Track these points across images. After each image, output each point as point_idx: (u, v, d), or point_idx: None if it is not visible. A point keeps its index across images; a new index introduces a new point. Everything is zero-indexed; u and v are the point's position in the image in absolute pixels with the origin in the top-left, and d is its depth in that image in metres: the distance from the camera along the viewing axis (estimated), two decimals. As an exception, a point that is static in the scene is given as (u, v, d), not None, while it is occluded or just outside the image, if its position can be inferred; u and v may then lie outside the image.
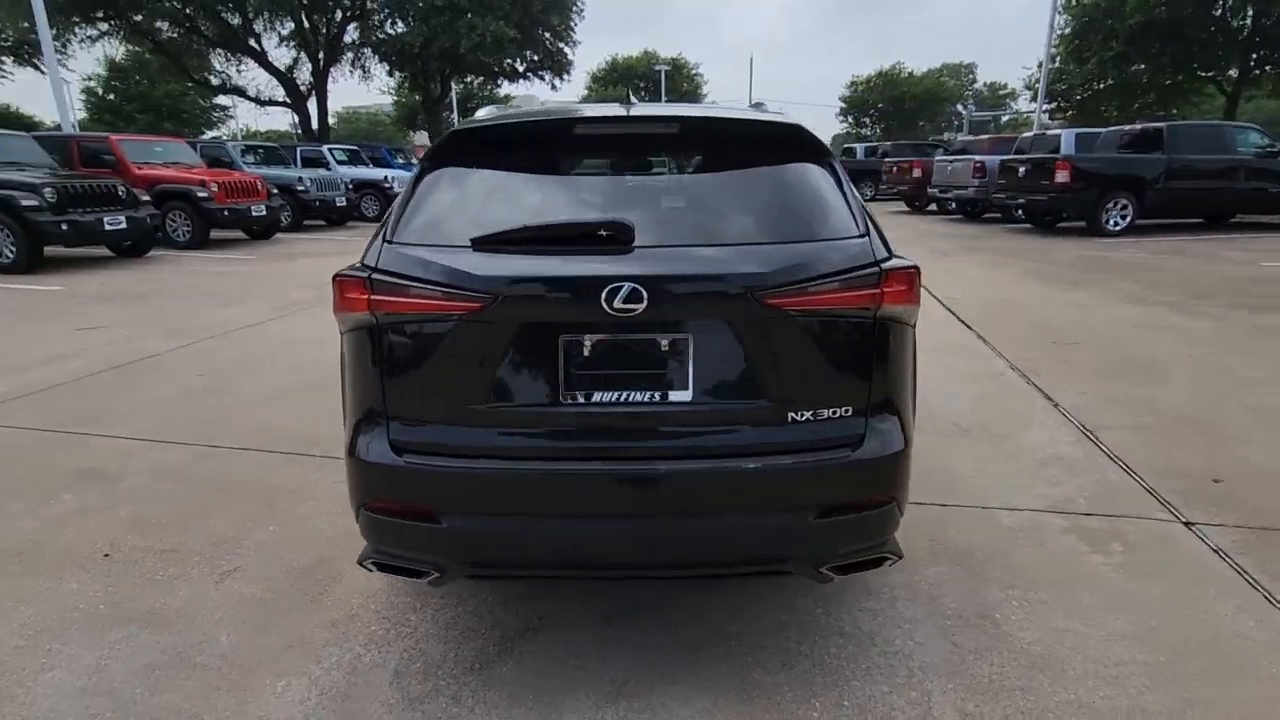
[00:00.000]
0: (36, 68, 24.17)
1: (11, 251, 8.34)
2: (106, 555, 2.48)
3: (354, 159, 16.50)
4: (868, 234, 1.69)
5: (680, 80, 43.25)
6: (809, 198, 1.75)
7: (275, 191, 12.18)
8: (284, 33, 21.44)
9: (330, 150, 15.89)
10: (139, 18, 19.68)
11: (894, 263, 1.65)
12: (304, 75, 22.32)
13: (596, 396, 1.58)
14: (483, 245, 1.59)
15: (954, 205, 15.88)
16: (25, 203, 8.18)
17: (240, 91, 23.68)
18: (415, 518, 1.62)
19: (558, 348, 1.57)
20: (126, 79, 39.34)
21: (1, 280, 7.97)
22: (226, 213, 10.81)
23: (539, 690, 1.84)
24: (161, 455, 3.29)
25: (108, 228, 8.87)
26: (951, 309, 6.27)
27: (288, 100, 23.29)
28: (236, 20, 20.17)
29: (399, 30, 19.06)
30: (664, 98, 39.23)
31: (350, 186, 14.82)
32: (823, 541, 1.66)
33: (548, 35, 20.10)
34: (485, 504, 1.60)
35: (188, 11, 19.33)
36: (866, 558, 1.76)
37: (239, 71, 23.18)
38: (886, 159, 19.48)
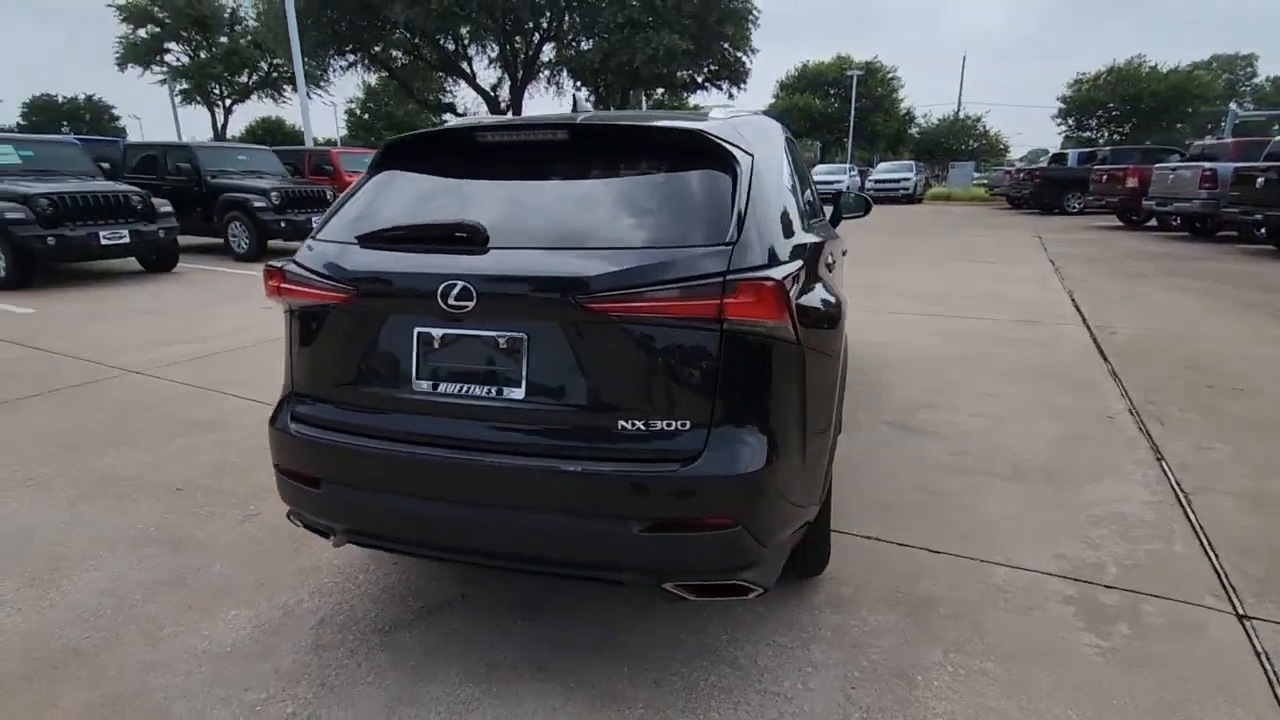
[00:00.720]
0: (307, 93, 29.21)
1: (246, 244, 10.25)
2: (178, 490, 3.04)
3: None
4: (735, 242, 1.61)
5: (874, 85, 41.19)
6: (686, 203, 1.72)
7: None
8: (492, 55, 23.89)
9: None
10: (377, 49, 23.05)
11: (748, 275, 1.56)
12: (504, 93, 24.67)
13: (442, 387, 1.69)
14: (366, 242, 1.78)
15: (1177, 220, 13.51)
16: (256, 204, 10.01)
17: (451, 109, 26.77)
18: (304, 482, 1.84)
19: (413, 339, 1.70)
20: (378, 101, 46.24)
21: (236, 267, 9.81)
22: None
23: (422, 660, 1.98)
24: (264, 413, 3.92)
25: (105, 242, 9.71)
26: (1098, 339, 5.43)
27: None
28: (452, 46, 22.85)
29: (586, 48, 20.43)
30: (853, 104, 37.66)
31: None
32: (654, 556, 1.62)
33: (726, 45, 20.30)
34: (350, 477, 1.78)
35: (415, 41, 22.24)
36: (717, 582, 1.68)
37: (451, 93, 26.32)
38: (1098, 166, 17.03)
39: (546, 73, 25.16)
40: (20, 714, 1.80)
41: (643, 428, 1.58)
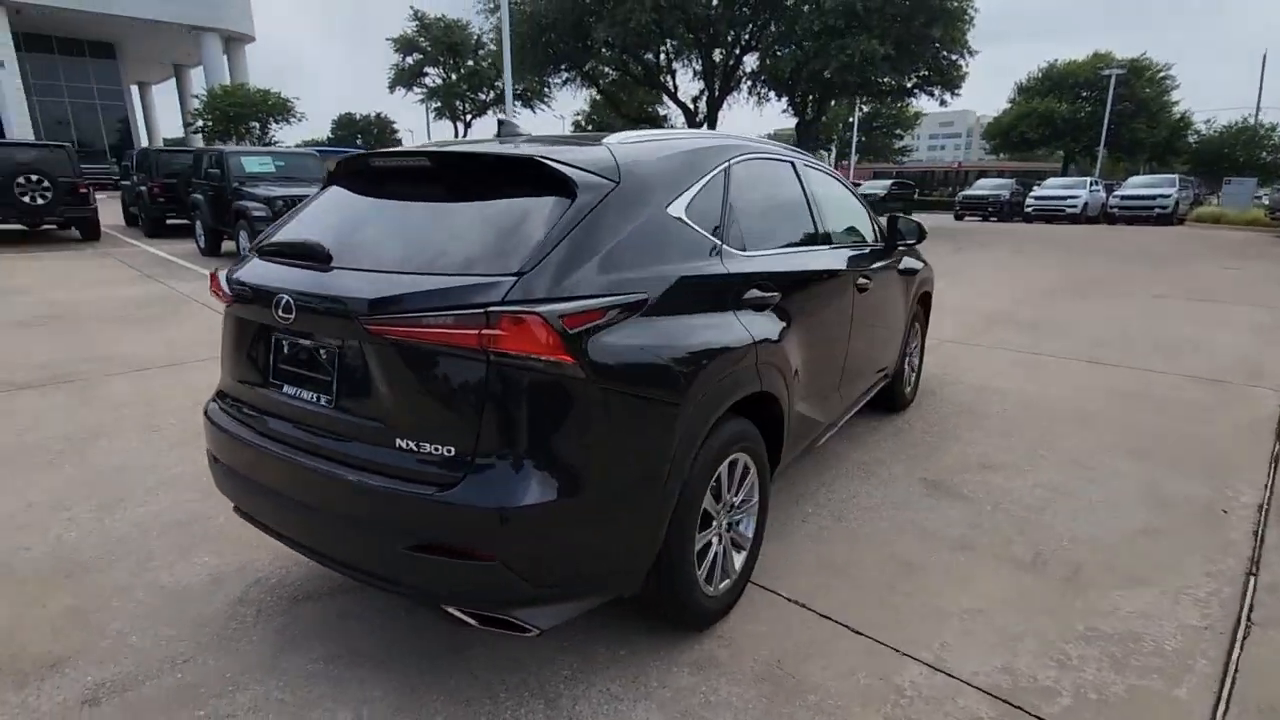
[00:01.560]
0: (532, 109, 32.25)
1: (244, 249, 11.60)
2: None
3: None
4: (525, 272, 1.60)
5: (1139, 86, 35.19)
6: (496, 231, 1.74)
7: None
8: (697, 68, 24.51)
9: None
10: (588, 66, 24.77)
11: (517, 308, 1.54)
12: (702, 106, 25.12)
13: (285, 389, 1.88)
14: (260, 254, 2.04)
15: None
16: (255, 213, 11.11)
17: (653, 120, 27.85)
18: (210, 458, 2.15)
19: (270, 343, 1.92)
20: (601, 114, 49.80)
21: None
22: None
23: (303, 632, 2.20)
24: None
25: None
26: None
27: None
28: (656, 60, 23.83)
29: (783, 56, 20.08)
30: (1109, 108, 32.62)
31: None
32: (421, 576, 1.66)
33: (937, 48, 18.66)
34: (229, 460, 2.05)
35: (624, 57, 23.53)
36: (490, 614, 1.68)
37: (656, 108, 27.35)
38: None
39: (749, 84, 25.19)
40: (18, 602, 2.32)
41: (414, 447, 1.64)
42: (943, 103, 22.22)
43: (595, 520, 1.70)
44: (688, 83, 25.90)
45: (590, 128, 53.14)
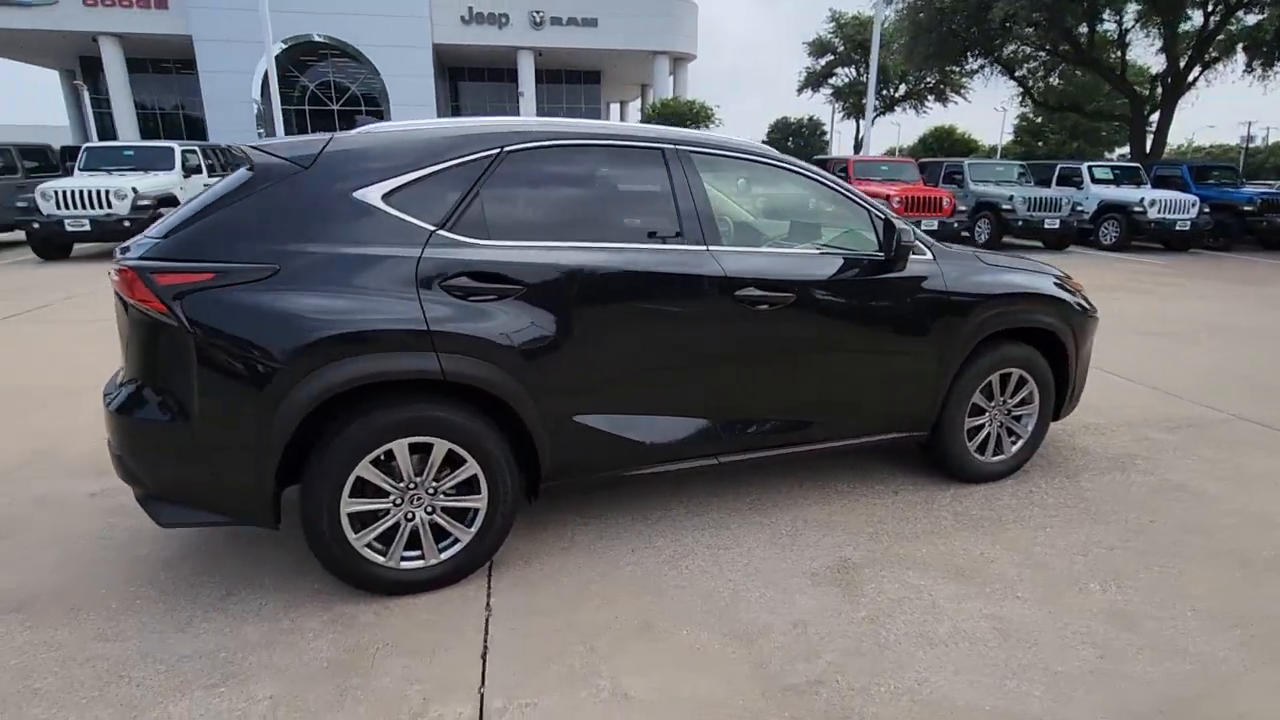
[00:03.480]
0: (943, 103, 29.66)
1: None
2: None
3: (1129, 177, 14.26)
4: (165, 237, 2.10)
5: None
6: (200, 204, 2.22)
7: (962, 209, 12.44)
8: (1153, 41, 19.27)
9: (1090, 168, 14.28)
10: (1009, 49, 21.63)
11: (134, 261, 2.05)
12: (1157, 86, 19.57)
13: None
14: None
15: None
16: None
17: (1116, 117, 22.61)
18: None
19: None
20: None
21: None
22: (898, 225, 11.99)
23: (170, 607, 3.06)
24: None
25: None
26: None
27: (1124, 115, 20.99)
28: (1093, 31, 19.45)
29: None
30: None
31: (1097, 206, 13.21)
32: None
33: None
34: None
35: (1047, 35, 19.89)
36: (138, 500, 2.23)
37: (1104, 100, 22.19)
38: None
39: (1244, 52, 18.67)
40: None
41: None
42: None
43: (199, 449, 2.08)
44: (1153, 55, 20.33)
45: (1040, 120, 46.05)
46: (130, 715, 1.84)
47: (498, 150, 2.40)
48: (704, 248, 2.61)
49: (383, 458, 2.25)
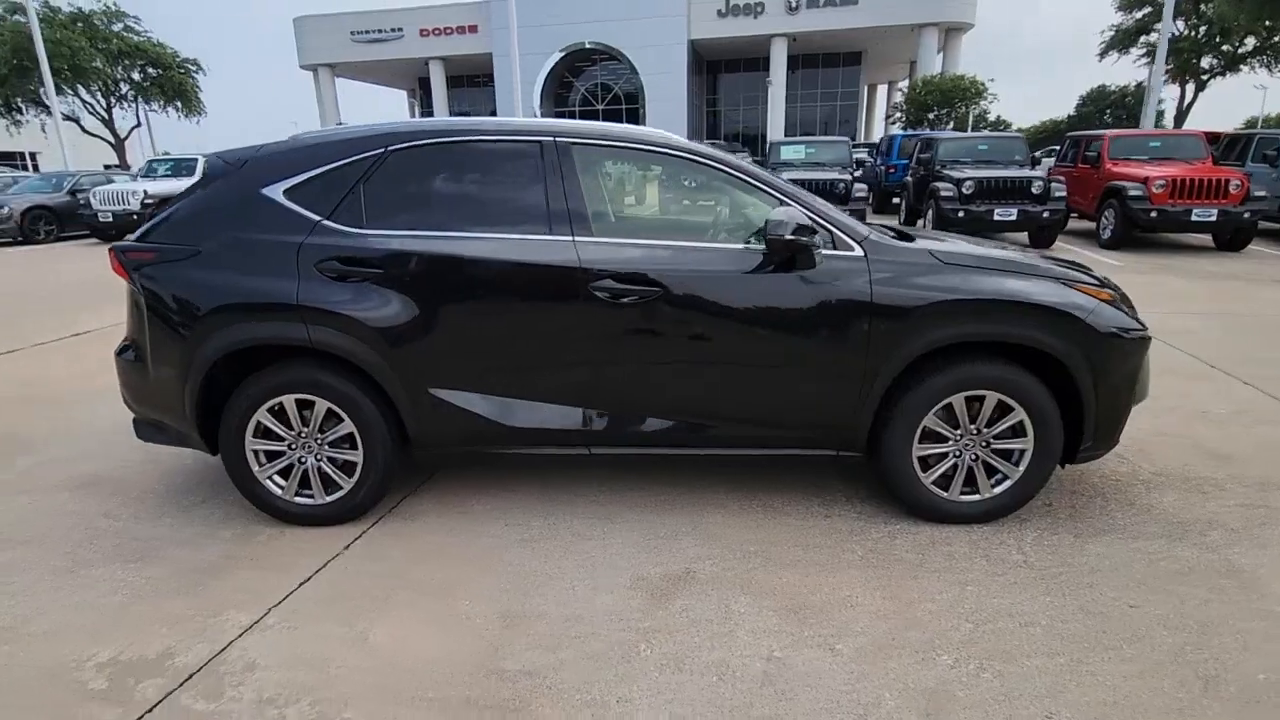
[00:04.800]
0: None
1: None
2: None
3: None
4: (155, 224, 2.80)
5: None
6: None
7: (1262, 195, 9.54)
8: None
9: None
10: None
11: (115, 245, 2.77)
12: None
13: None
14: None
15: None
16: (944, 193, 10.44)
17: None
18: None
19: None
20: None
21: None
22: (1155, 214, 9.66)
23: (160, 504, 3.91)
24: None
25: (996, 218, 10.10)
26: None
27: None
28: None
29: None
30: None
31: None
32: None
33: None
34: None
35: None
36: None
37: None
38: None
39: None
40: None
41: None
42: None
43: (152, 385, 2.77)
44: None
45: None
46: (75, 567, 2.58)
47: (382, 150, 2.72)
48: (569, 239, 2.64)
49: (279, 409, 2.74)
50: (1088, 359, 2.62)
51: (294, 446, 2.80)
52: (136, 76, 36.39)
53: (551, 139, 2.73)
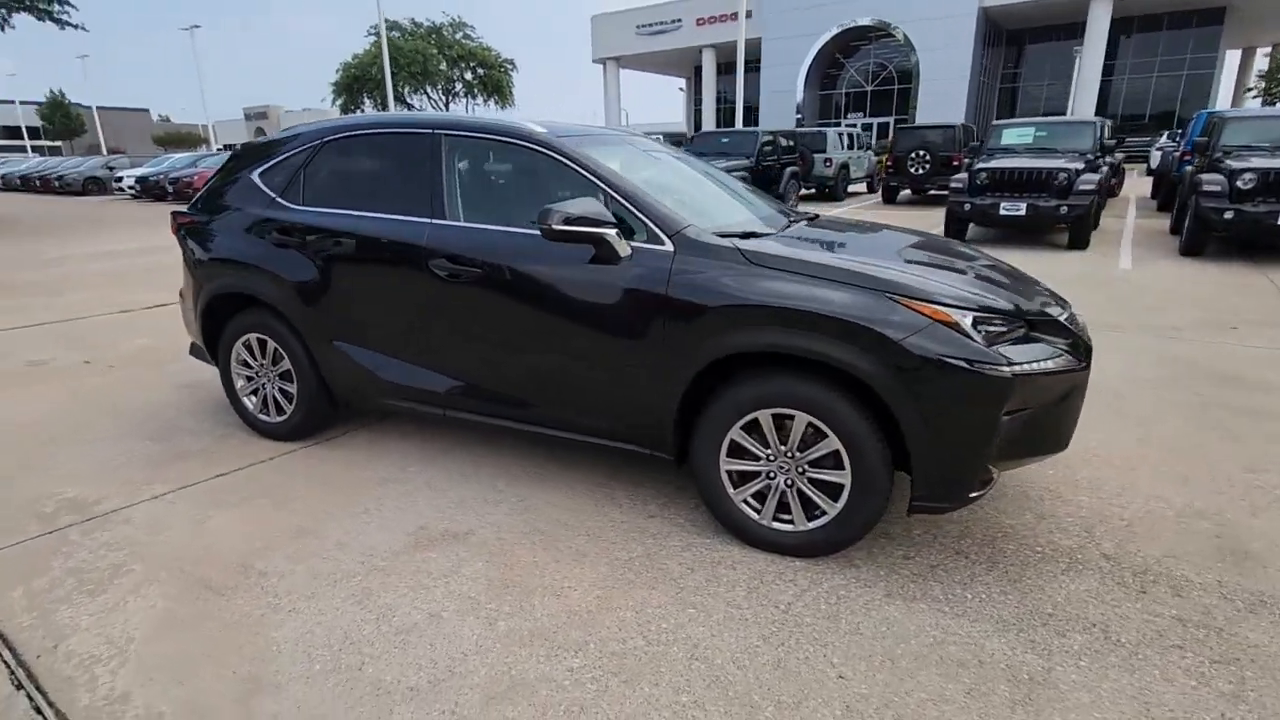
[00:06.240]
0: None
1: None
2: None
3: None
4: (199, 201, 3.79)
5: None
6: None
7: None
8: None
9: None
10: None
11: (174, 211, 3.79)
12: None
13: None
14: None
15: None
16: (1208, 188, 8.13)
17: None
18: None
19: None
20: None
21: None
22: None
23: (194, 426, 4.90)
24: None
25: (1280, 223, 7.61)
26: None
27: None
28: None
29: None
30: None
31: None
32: None
33: None
34: None
35: None
36: None
37: None
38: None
39: None
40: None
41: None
42: None
43: (188, 316, 3.75)
44: None
45: None
46: (118, 484, 3.66)
47: (320, 141, 3.29)
48: (427, 220, 2.94)
49: (254, 343, 3.52)
50: (910, 390, 2.18)
51: (257, 374, 3.58)
52: (469, 77, 43.56)
53: (432, 131, 3.05)
